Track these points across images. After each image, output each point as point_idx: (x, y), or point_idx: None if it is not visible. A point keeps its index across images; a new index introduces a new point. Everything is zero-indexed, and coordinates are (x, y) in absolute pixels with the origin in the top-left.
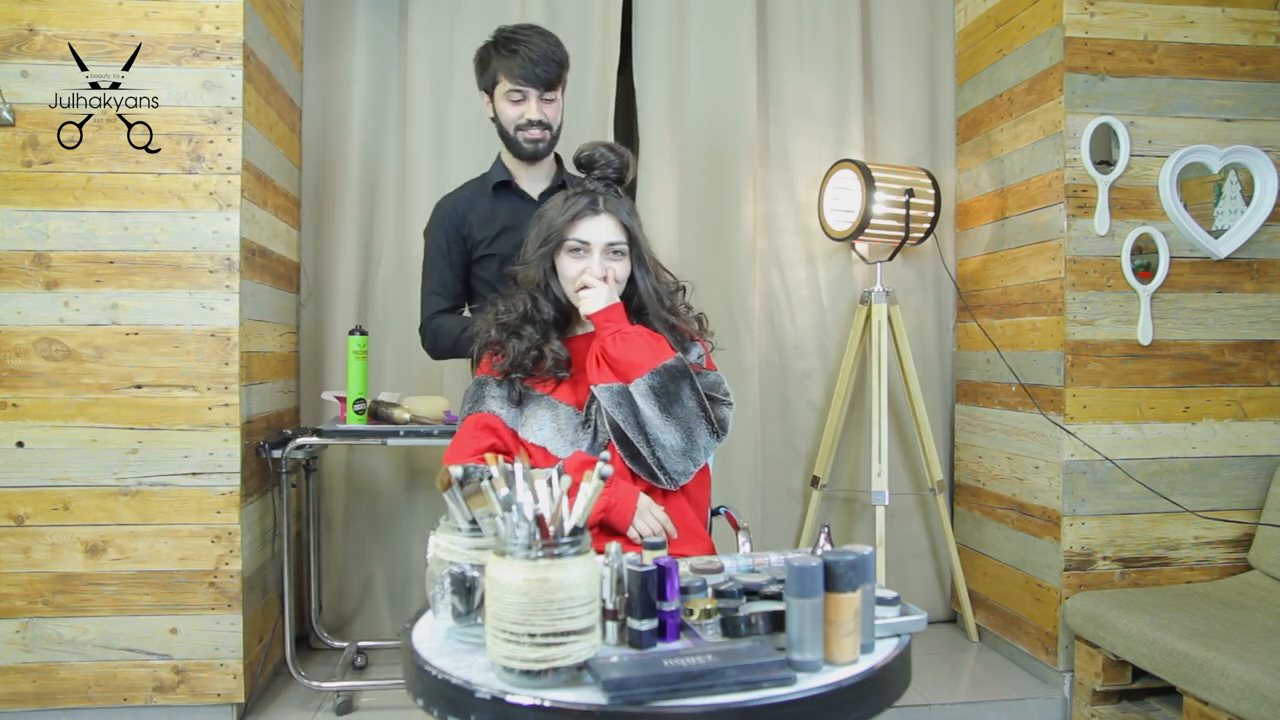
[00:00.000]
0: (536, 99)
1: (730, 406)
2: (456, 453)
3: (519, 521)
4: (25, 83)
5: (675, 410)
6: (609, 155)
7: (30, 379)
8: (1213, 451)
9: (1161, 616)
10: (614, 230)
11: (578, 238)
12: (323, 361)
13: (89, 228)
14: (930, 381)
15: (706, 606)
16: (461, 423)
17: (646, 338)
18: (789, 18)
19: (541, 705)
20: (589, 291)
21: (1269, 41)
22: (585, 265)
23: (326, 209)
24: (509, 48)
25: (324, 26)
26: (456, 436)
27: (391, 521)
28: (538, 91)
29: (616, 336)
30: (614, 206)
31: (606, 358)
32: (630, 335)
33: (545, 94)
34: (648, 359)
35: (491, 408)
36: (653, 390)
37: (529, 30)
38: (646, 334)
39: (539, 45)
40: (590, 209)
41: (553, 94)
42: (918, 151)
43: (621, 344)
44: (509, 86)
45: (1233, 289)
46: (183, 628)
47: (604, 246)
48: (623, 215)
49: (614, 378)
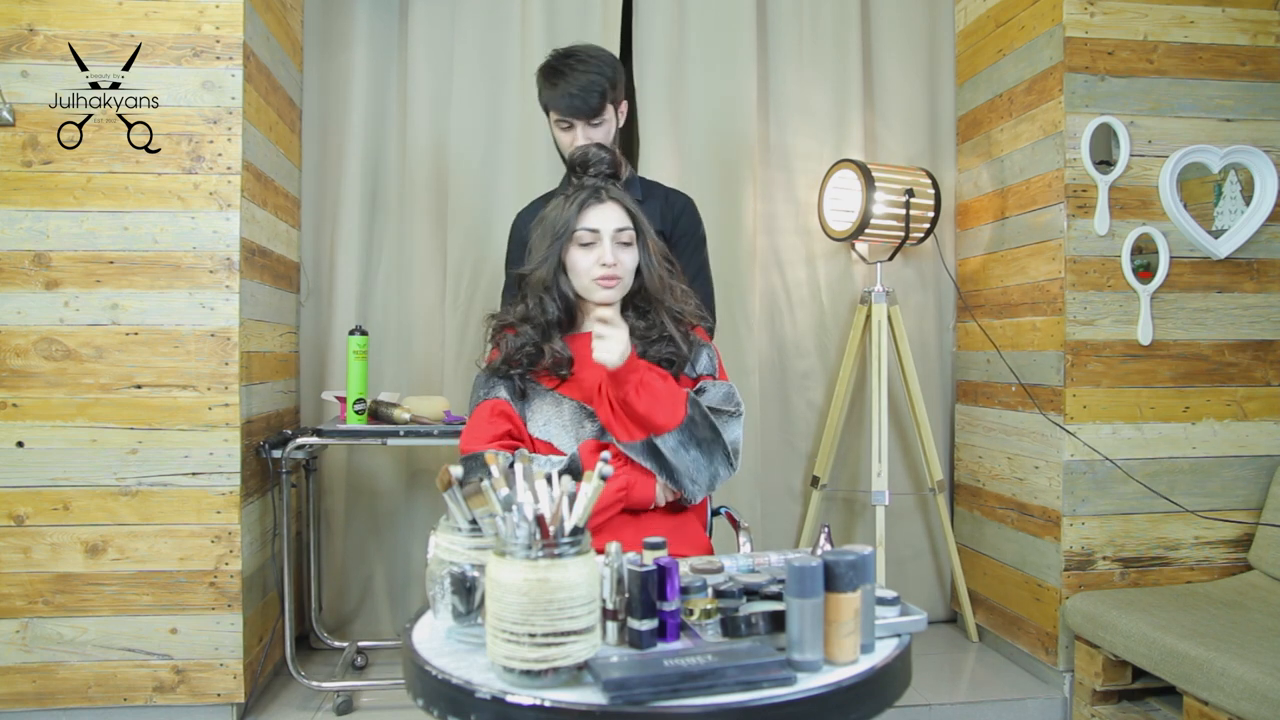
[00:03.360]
0: (583, 127)
1: (738, 419)
2: (474, 439)
3: (519, 521)
4: (25, 83)
5: (704, 456)
6: (600, 153)
7: (30, 379)
8: (1213, 451)
9: (1161, 616)
10: (621, 216)
11: (586, 226)
12: (323, 361)
13: (89, 228)
14: (930, 381)
15: (706, 606)
16: (474, 409)
17: (665, 388)
18: (789, 17)
19: (541, 705)
20: (602, 342)
21: (1269, 41)
22: (597, 256)
23: (326, 209)
24: (552, 79)
25: (324, 26)
26: (471, 423)
27: (391, 521)
28: (582, 121)
29: (640, 390)
30: (618, 195)
31: (629, 411)
32: (652, 387)
33: (591, 120)
34: (670, 414)
35: (503, 394)
36: (681, 444)
37: (573, 58)
38: (661, 381)
39: (579, 77)
40: (595, 198)
41: (599, 118)
42: (918, 151)
43: (646, 398)
44: (555, 116)
45: (1233, 289)
46: (183, 628)
47: (613, 233)
48: (628, 202)
49: (633, 426)
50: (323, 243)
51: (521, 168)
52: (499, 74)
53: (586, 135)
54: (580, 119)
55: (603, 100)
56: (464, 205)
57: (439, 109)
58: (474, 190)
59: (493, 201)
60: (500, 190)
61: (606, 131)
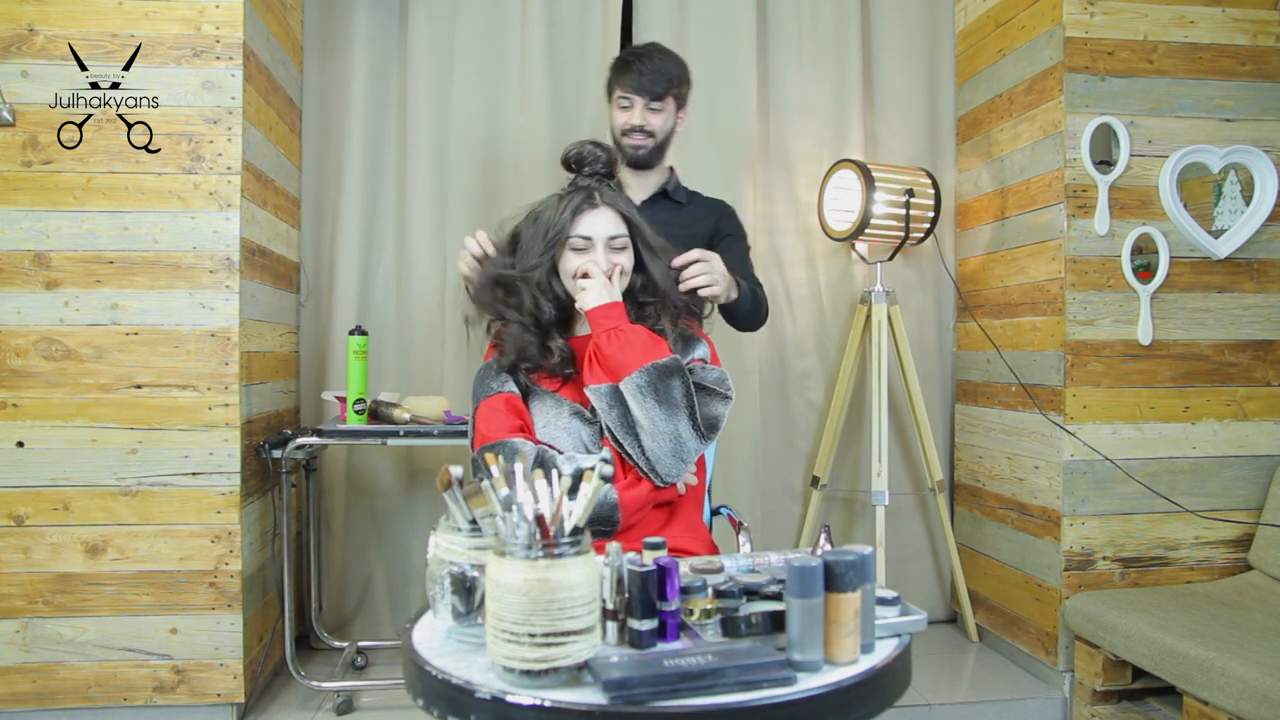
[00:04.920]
0: (642, 106)
1: (726, 401)
2: (495, 430)
3: (519, 521)
4: (25, 83)
5: (665, 410)
6: (596, 151)
7: (30, 379)
8: (1213, 451)
9: (1161, 616)
10: (615, 223)
11: (579, 234)
12: (323, 361)
13: (89, 228)
14: (930, 381)
15: (706, 606)
16: (483, 400)
17: (644, 337)
18: (789, 17)
19: (541, 705)
20: (588, 282)
21: (1269, 41)
22: (589, 259)
23: (326, 209)
24: (626, 61)
25: (324, 26)
26: (484, 418)
27: (391, 521)
28: (644, 100)
29: (612, 334)
30: (611, 199)
31: (599, 355)
32: (626, 333)
33: (651, 103)
34: (639, 357)
35: (513, 389)
36: (640, 389)
37: (651, 48)
38: (645, 334)
39: (654, 61)
40: (589, 203)
41: (660, 104)
42: (918, 151)
43: (616, 341)
44: (619, 94)
45: (1233, 289)
46: (183, 628)
47: (606, 240)
48: (621, 206)
49: (606, 376)
50: (323, 243)
51: (522, 168)
52: (499, 74)
53: (642, 117)
54: (643, 96)
55: (669, 87)
56: (464, 205)
57: (439, 109)
58: (474, 190)
59: (493, 201)
60: (500, 190)
61: (662, 122)
